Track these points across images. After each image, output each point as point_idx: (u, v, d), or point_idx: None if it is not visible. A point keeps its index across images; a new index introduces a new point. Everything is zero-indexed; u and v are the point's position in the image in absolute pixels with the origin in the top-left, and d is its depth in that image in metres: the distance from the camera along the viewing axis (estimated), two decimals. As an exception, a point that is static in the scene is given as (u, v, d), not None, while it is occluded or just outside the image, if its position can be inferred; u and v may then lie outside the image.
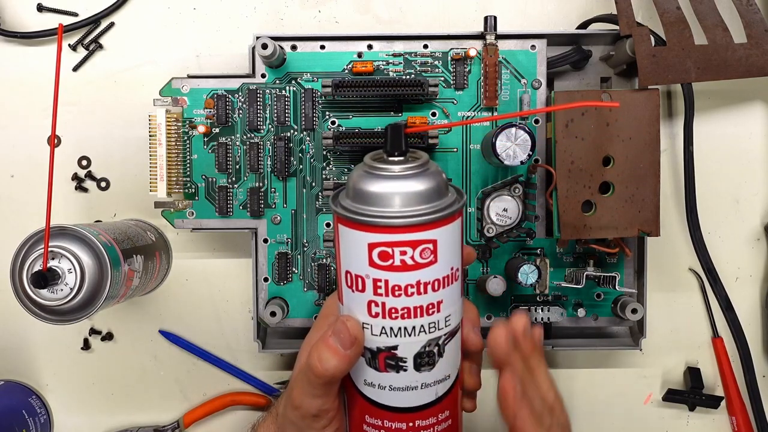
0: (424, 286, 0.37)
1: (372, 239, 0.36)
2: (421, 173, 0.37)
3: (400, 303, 0.37)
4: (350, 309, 0.39)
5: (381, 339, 0.38)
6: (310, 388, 0.40)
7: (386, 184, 0.37)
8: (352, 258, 0.37)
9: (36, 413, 0.60)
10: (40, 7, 0.60)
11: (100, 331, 0.62)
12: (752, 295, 0.61)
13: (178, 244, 0.61)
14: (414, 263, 0.36)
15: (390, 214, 0.36)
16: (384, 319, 0.37)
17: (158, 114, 0.54)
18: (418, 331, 0.38)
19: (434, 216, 0.36)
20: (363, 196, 0.37)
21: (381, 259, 0.36)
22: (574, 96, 0.50)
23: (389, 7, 0.60)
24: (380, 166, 0.37)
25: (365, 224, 0.36)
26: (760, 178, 0.61)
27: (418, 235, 0.36)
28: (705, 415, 0.62)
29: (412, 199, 0.36)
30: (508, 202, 0.52)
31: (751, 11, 0.53)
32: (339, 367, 0.38)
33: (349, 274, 0.38)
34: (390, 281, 0.37)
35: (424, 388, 0.39)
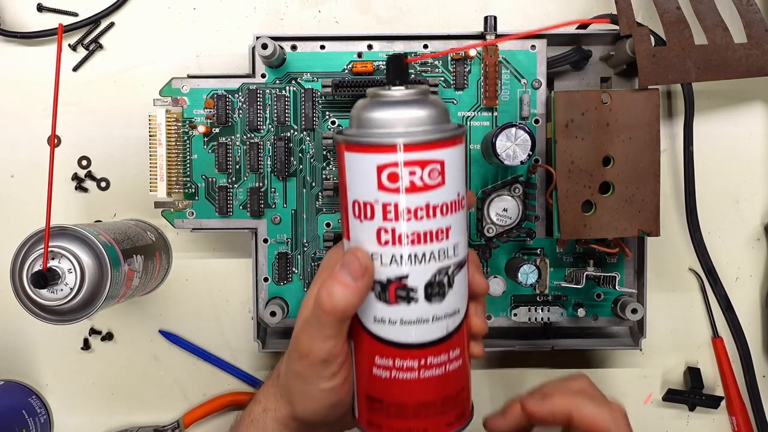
0: (433, 209, 0.37)
1: (381, 160, 0.36)
2: (423, 99, 0.38)
3: (410, 228, 0.37)
4: (359, 241, 0.38)
5: (391, 268, 0.38)
6: (320, 329, 0.38)
7: (391, 108, 0.37)
8: (359, 185, 0.38)
9: (36, 413, 0.60)
10: (40, 7, 0.60)
11: (100, 331, 0.62)
12: (752, 295, 0.61)
13: (178, 244, 0.61)
14: (423, 184, 0.37)
15: (398, 133, 0.37)
16: (394, 246, 0.37)
17: (158, 114, 0.54)
18: (429, 258, 0.38)
19: (441, 135, 0.37)
20: (368, 122, 0.38)
21: (390, 180, 0.36)
22: (574, 96, 0.50)
23: (389, 7, 0.60)
24: (384, 93, 0.38)
25: (373, 145, 0.37)
26: (760, 178, 0.61)
27: (426, 154, 0.36)
28: (705, 415, 0.62)
29: (418, 121, 0.37)
30: (508, 202, 0.52)
31: (751, 11, 0.53)
32: (351, 301, 0.38)
33: (357, 204, 0.38)
34: (399, 204, 0.37)
35: (435, 322, 0.39)
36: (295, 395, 0.42)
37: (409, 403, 0.40)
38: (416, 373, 0.39)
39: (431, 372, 0.39)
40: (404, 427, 0.40)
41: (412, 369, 0.39)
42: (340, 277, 0.37)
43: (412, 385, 0.39)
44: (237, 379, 0.62)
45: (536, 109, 0.54)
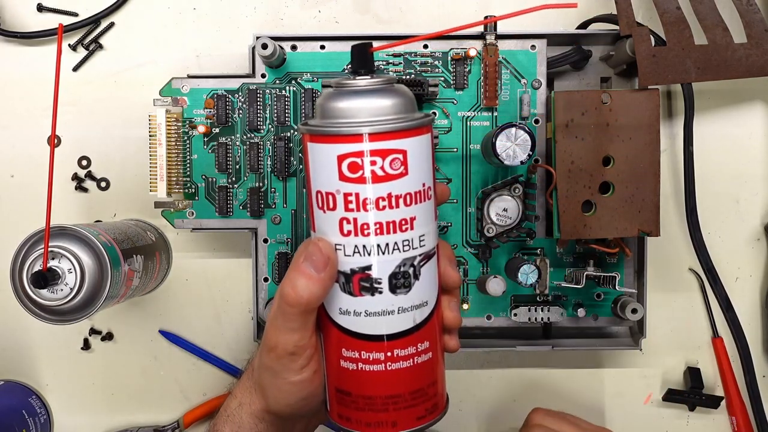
0: (396, 199, 0.37)
1: (341, 150, 0.36)
2: (388, 88, 0.38)
3: (372, 218, 0.37)
4: (322, 231, 0.38)
5: (354, 259, 0.37)
6: (285, 322, 0.38)
7: (353, 98, 0.37)
8: (322, 175, 0.37)
9: (36, 413, 0.60)
10: (40, 7, 0.60)
11: (100, 331, 0.62)
12: (752, 295, 0.61)
13: (178, 244, 0.61)
14: (384, 174, 0.36)
15: (359, 123, 0.36)
16: (357, 237, 0.37)
17: (158, 114, 0.54)
18: (392, 249, 0.37)
19: (402, 125, 0.36)
20: (330, 112, 0.37)
21: (351, 170, 0.36)
22: (574, 96, 0.50)
23: (389, 7, 0.60)
24: (347, 82, 0.38)
25: (333, 134, 0.37)
26: (760, 178, 0.61)
27: (387, 144, 0.36)
28: (705, 415, 0.62)
29: (380, 111, 0.37)
30: (508, 202, 0.52)
31: (751, 11, 0.53)
32: (314, 293, 0.37)
33: (320, 194, 0.38)
34: (360, 194, 0.36)
35: (400, 313, 0.38)
36: (266, 389, 0.42)
37: (377, 395, 0.39)
38: (383, 365, 0.39)
39: (398, 364, 0.39)
40: (373, 420, 0.40)
41: (378, 361, 0.39)
42: (302, 269, 0.37)
43: (379, 378, 0.39)
44: (237, 379, 0.62)
45: (536, 109, 0.54)
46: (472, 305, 0.56)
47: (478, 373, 0.62)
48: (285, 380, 0.40)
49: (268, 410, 0.43)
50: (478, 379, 0.62)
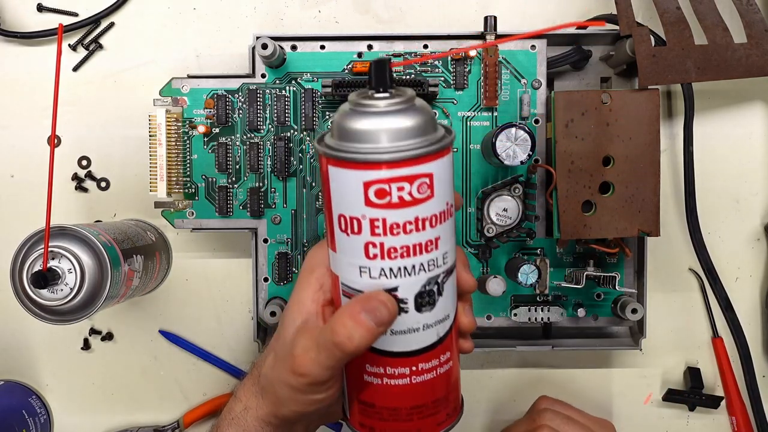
0: (423, 222, 0.36)
1: (367, 177, 0.35)
2: (409, 108, 0.36)
3: (399, 242, 0.36)
4: (345, 253, 0.37)
5: (380, 281, 0.37)
6: (328, 360, 0.38)
7: (376, 120, 0.36)
8: (345, 200, 0.36)
9: (36, 413, 0.60)
10: (40, 7, 0.60)
11: (100, 331, 0.62)
12: (752, 295, 0.61)
13: (178, 244, 0.61)
14: (412, 199, 0.35)
15: (385, 149, 0.35)
16: (383, 260, 0.36)
17: (158, 114, 0.54)
18: (418, 270, 0.37)
19: (429, 149, 0.35)
20: (351, 135, 0.36)
21: (378, 197, 0.35)
22: (574, 96, 0.50)
23: (389, 7, 0.60)
24: (367, 102, 0.36)
25: (359, 162, 0.35)
26: (760, 178, 0.61)
27: (415, 169, 0.35)
28: (705, 415, 0.62)
29: (404, 134, 0.35)
30: (508, 202, 0.52)
31: (751, 11, 0.53)
32: (369, 343, 0.37)
33: (343, 218, 0.36)
34: (388, 220, 0.36)
35: (425, 330, 0.38)
36: (283, 401, 0.41)
37: (402, 407, 0.40)
38: (408, 379, 0.39)
39: (422, 377, 0.39)
40: (397, 429, 0.40)
41: (403, 375, 0.39)
42: (361, 320, 0.36)
43: (404, 391, 0.39)
44: (237, 379, 0.62)
45: (536, 109, 0.54)
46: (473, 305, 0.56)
47: (478, 373, 0.62)
48: (307, 398, 0.40)
49: (276, 415, 0.43)
50: (478, 379, 0.62)
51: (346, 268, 0.38)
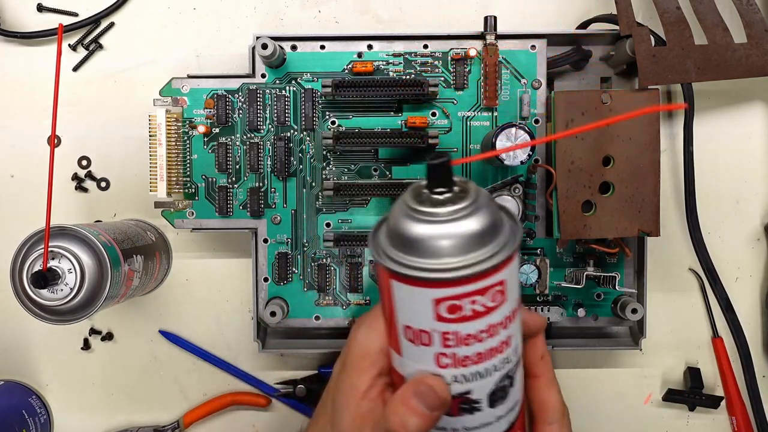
0: (496, 327, 0.34)
1: (438, 295, 0.32)
2: (477, 210, 0.33)
3: (473, 350, 0.34)
4: (412, 360, 0.35)
5: (453, 387, 0.35)
6: None
7: (442, 228, 0.32)
8: (412, 314, 0.34)
9: (36, 413, 0.60)
10: (40, 7, 0.60)
11: (100, 331, 0.62)
12: (752, 295, 0.61)
13: (178, 244, 0.61)
14: (484, 309, 0.33)
15: (455, 265, 0.32)
16: (455, 369, 0.34)
17: (158, 114, 0.54)
18: (492, 372, 0.35)
19: (502, 256, 0.32)
20: (414, 246, 0.32)
21: (450, 312, 0.33)
22: (574, 96, 0.50)
23: (389, 7, 0.60)
24: (429, 210, 0.33)
25: (429, 281, 0.32)
26: (760, 178, 0.61)
27: (488, 281, 0.32)
28: (705, 415, 0.62)
29: (475, 243, 0.32)
30: (508, 202, 0.52)
31: (751, 11, 0.53)
32: (425, 429, 0.35)
33: (410, 329, 0.34)
34: (461, 332, 0.33)
35: (497, 421, 0.37)
36: None
37: None
38: None
39: None
40: None
41: None
42: (413, 406, 0.35)
43: None
44: (237, 379, 0.62)
45: (536, 109, 0.54)
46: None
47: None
48: None
49: None
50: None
51: (415, 373, 0.36)
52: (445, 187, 0.33)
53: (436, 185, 0.33)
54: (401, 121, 0.55)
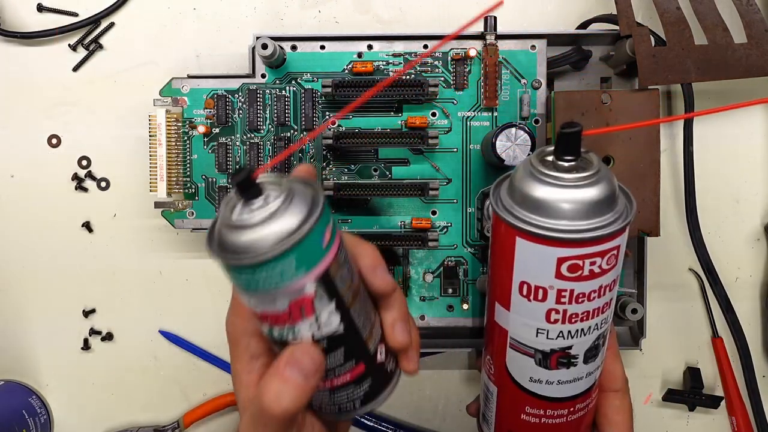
0: (605, 289, 0.37)
1: (562, 254, 0.35)
2: (601, 179, 0.36)
3: (582, 308, 0.37)
4: (521, 315, 0.38)
5: (557, 342, 0.38)
6: (261, 428, 0.34)
7: (571, 195, 0.35)
8: (532, 270, 0.37)
9: (36, 413, 0.60)
10: (40, 7, 0.60)
11: (100, 332, 0.62)
12: (752, 295, 0.61)
13: (178, 244, 0.61)
14: (600, 271, 0.36)
15: (584, 227, 0.35)
16: (563, 324, 0.37)
17: (158, 114, 0.54)
18: (593, 330, 0.38)
19: (623, 224, 0.35)
20: (545, 208, 0.35)
21: (570, 271, 0.36)
22: (574, 96, 0.50)
23: (389, 7, 0.60)
24: (561, 176, 0.35)
25: (556, 240, 0.35)
26: (760, 178, 0.61)
27: (608, 245, 0.35)
28: (705, 415, 0.62)
29: (598, 209, 0.35)
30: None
31: (751, 11, 0.53)
32: (300, 401, 0.34)
33: (526, 285, 0.37)
34: (575, 290, 0.36)
35: (587, 377, 0.40)
36: None
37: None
38: (565, 418, 0.41)
39: (577, 415, 0.42)
40: None
41: (561, 416, 0.41)
42: (287, 376, 0.33)
43: (560, 427, 0.41)
44: (237, 379, 0.62)
45: (536, 109, 0.54)
46: (472, 305, 0.56)
47: (479, 374, 0.62)
48: None
49: None
50: (478, 378, 0.62)
51: (521, 327, 0.39)
52: (574, 155, 0.36)
53: (566, 153, 0.36)
54: (401, 121, 0.55)
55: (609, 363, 0.43)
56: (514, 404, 0.42)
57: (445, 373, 0.63)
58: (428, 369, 0.63)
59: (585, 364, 0.39)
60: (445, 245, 0.55)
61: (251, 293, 0.34)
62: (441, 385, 0.63)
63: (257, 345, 0.38)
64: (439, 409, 0.63)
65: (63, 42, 0.60)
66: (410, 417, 0.63)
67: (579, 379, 0.40)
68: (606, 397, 0.44)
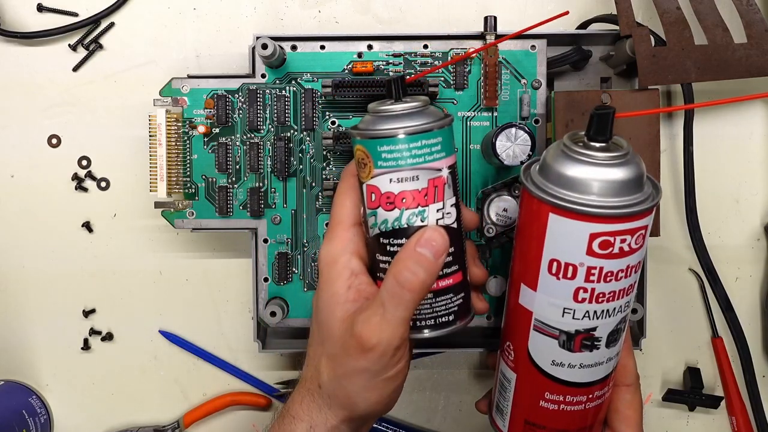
0: (632, 269, 0.38)
1: (595, 229, 0.36)
2: (631, 159, 0.37)
3: (609, 288, 0.37)
4: (548, 294, 0.38)
5: (582, 322, 0.38)
6: (397, 311, 0.38)
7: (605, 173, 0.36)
8: (563, 247, 0.37)
9: (36, 413, 0.60)
10: (40, 8, 0.60)
11: (100, 332, 0.62)
12: (752, 295, 0.61)
13: (178, 244, 0.61)
14: (629, 249, 0.37)
15: (618, 204, 0.36)
16: (590, 304, 0.38)
17: (158, 114, 0.54)
18: (617, 312, 0.39)
19: (653, 202, 0.36)
20: (576, 184, 0.36)
21: (601, 248, 0.36)
22: (574, 96, 0.50)
23: (389, 7, 0.60)
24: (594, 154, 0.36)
25: (590, 215, 0.36)
26: (760, 178, 0.61)
27: (638, 223, 0.36)
28: (705, 415, 0.62)
29: (631, 187, 0.36)
30: (508, 202, 0.52)
31: (751, 11, 0.53)
32: (433, 277, 0.38)
33: (556, 262, 0.37)
34: (605, 268, 0.37)
35: (608, 362, 0.41)
36: (357, 394, 0.40)
37: (571, 429, 0.42)
38: (583, 405, 0.41)
39: (595, 402, 0.42)
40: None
41: (580, 403, 0.41)
42: (419, 256, 0.38)
43: (578, 415, 0.42)
44: (237, 379, 0.62)
45: (536, 109, 0.54)
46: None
47: (479, 373, 0.62)
48: (382, 377, 0.39)
49: (352, 417, 0.41)
50: (478, 378, 0.62)
51: (547, 307, 0.39)
52: (606, 136, 0.37)
53: (598, 133, 0.37)
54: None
55: (622, 357, 0.43)
56: (533, 391, 0.42)
57: (445, 373, 0.63)
58: (428, 369, 0.63)
59: (607, 348, 0.39)
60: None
61: (397, 171, 0.39)
62: (441, 385, 0.63)
63: (358, 263, 0.41)
64: (439, 409, 0.63)
65: (63, 42, 0.60)
66: (410, 417, 0.63)
67: (600, 364, 0.40)
68: (618, 392, 0.44)
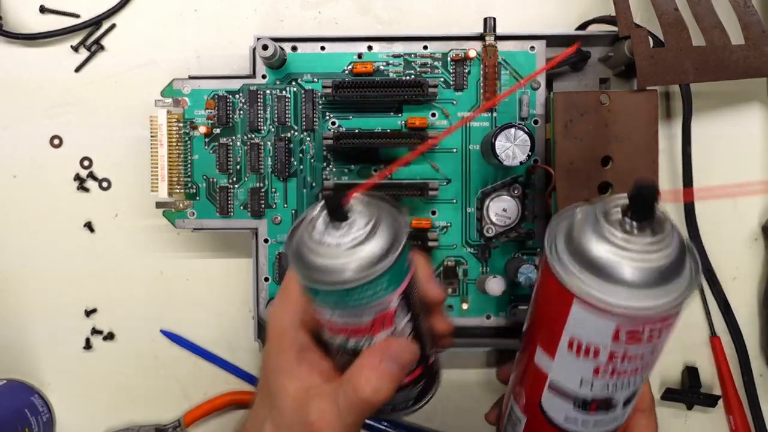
0: (659, 346, 0.35)
1: (624, 325, 0.33)
2: (672, 242, 0.32)
3: (631, 366, 0.35)
4: (567, 366, 0.36)
5: (600, 393, 0.36)
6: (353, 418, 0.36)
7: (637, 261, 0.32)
8: (586, 332, 0.34)
9: (38, 412, 0.61)
10: (43, 9, 0.60)
11: (101, 331, 0.62)
12: (750, 295, 0.62)
13: (179, 244, 0.62)
14: (659, 336, 0.34)
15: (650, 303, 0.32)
16: (610, 378, 0.35)
17: (159, 115, 0.54)
18: (638, 381, 0.37)
19: (690, 293, 0.32)
20: (609, 272, 0.32)
21: (628, 337, 0.33)
22: (573, 97, 0.51)
23: (389, 8, 0.60)
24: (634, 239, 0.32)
25: (620, 314, 0.32)
26: (758, 179, 0.61)
27: (674, 316, 0.33)
28: (703, 414, 0.62)
29: (668, 277, 0.32)
30: (508, 203, 0.53)
31: (749, 13, 0.53)
32: (392, 392, 0.36)
33: (577, 342, 0.34)
34: (629, 352, 0.34)
35: (623, 417, 0.39)
36: None
37: None
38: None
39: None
40: None
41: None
42: (384, 370, 0.36)
43: None
44: (237, 379, 0.62)
45: (535, 110, 0.55)
46: (472, 305, 0.56)
47: (478, 373, 0.63)
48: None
49: None
50: (478, 378, 0.63)
51: (564, 375, 0.37)
52: (648, 218, 0.32)
53: (640, 217, 0.32)
54: (401, 122, 0.55)
55: None
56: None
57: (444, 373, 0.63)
58: (428, 368, 0.63)
59: (623, 407, 0.38)
60: (445, 245, 0.55)
61: (337, 310, 0.35)
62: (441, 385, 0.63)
63: (305, 338, 0.39)
64: (439, 409, 0.63)
65: (65, 43, 0.61)
66: (410, 417, 0.63)
67: (615, 419, 0.38)
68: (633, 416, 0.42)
